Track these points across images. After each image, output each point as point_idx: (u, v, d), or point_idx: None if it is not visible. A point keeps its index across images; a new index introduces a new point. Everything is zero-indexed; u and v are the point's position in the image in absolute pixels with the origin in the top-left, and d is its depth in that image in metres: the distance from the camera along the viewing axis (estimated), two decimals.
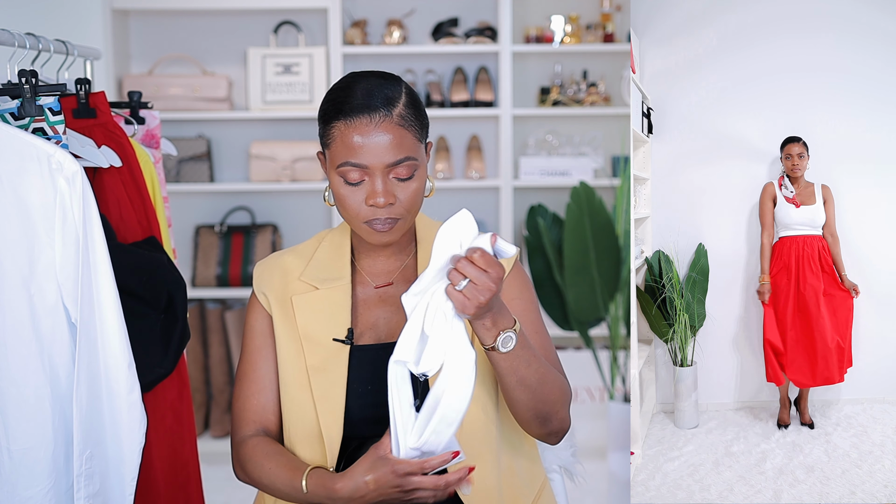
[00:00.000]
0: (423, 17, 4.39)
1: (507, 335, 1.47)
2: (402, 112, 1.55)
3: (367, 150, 1.52)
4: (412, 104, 1.57)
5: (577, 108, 4.28)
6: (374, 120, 1.53)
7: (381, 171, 1.54)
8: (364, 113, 1.53)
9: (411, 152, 1.55)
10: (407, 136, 1.55)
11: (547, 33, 4.30)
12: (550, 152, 4.34)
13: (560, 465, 1.95)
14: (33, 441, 1.65)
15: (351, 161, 1.53)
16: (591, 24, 4.32)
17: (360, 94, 1.55)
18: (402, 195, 1.56)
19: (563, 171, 4.26)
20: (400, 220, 1.58)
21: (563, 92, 4.32)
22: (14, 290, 1.62)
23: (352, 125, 1.53)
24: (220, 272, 4.29)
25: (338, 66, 4.20)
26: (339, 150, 1.54)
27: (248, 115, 4.25)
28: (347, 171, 1.54)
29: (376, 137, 1.52)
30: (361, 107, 1.53)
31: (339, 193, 1.57)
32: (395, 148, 1.53)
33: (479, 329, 1.46)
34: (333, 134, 1.55)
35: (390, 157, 1.53)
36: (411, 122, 1.56)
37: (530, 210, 3.76)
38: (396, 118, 1.54)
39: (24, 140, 1.62)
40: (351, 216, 1.58)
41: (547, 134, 4.37)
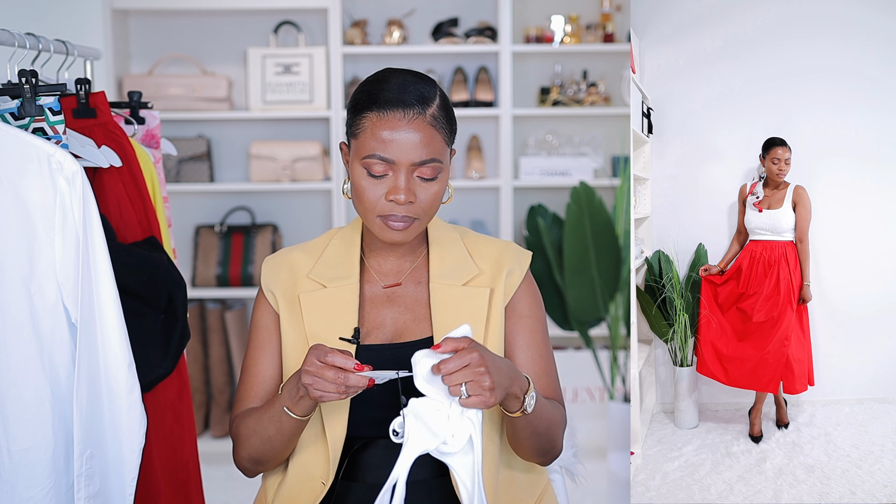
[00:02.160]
0: (423, 17, 4.39)
1: (530, 396, 1.50)
2: (435, 113, 1.55)
3: (395, 145, 1.52)
4: (444, 107, 1.57)
5: (577, 108, 4.28)
6: (407, 116, 1.52)
7: (406, 168, 1.53)
8: (398, 107, 1.52)
9: (438, 154, 1.55)
10: (436, 138, 1.54)
11: (547, 33, 4.30)
12: (550, 152, 4.34)
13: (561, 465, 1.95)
14: (33, 441, 1.65)
15: (378, 154, 1.53)
16: (591, 24, 4.32)
17: (394, 88, 1.54)
18: (422, 195, 1.55)
19: (563, 171, 4.26)
20: (416, 221, 1.57)
21: (563, 92, 4.32)
22: (14, 289, 1.62)
23: (384, 118, 1.53)
24: (220, 272, 4.29)
25: (338, 66, 4.20)
26: (366, 141, 1.54)
27: (248, 115, 4.25)
28: (372, 164, 1.53)
29: (407, 134, 1.52)
30: (395, 101, 1.53)
31: (360, 185, 1.56)
32: (423, 147, 1.53)
33: (508, 404, 1.49)
34: (363, 124, 1.54)
35: (418, 155, 1.53)
36: (442, 125, 1.55)
37: (530, 210, 3.76)
38: (429, 118, 1.53)
39: (24, 140, 1.62)
40: (367, 209, 1.57)
41: (547, 134, 4.36)
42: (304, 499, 1.61)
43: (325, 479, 1.60)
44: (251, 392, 1.67)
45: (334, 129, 4.24)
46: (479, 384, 1.38)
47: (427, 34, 4.37)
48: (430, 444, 1.39)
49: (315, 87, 4.23)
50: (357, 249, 1.69)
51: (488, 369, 1.39)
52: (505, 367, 1.45)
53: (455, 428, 1.39)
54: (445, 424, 1.39)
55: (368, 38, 4.34)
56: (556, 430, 1.61)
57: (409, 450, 1.39)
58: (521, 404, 1.49)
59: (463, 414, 1.40)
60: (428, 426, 1.39)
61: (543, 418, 1.56)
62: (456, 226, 1.74)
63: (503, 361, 1.46)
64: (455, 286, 1.64)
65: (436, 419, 1.39)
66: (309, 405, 1.51)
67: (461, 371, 1.38)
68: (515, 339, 1.66)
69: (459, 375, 1.38)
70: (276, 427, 1.56)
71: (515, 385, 1.47)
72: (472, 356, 1.39)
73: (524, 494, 1.67)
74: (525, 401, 1.49)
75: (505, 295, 1.65)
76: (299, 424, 1.54)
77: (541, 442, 1.59)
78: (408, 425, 1.39)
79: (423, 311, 1.65)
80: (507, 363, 1.47)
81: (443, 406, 1.39)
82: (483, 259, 1.67)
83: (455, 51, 4.25)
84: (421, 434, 1.39)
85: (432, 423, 1.39)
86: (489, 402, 1.39)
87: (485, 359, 1.40)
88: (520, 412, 1.50)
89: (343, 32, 4.26)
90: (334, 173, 4.25)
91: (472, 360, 1.39)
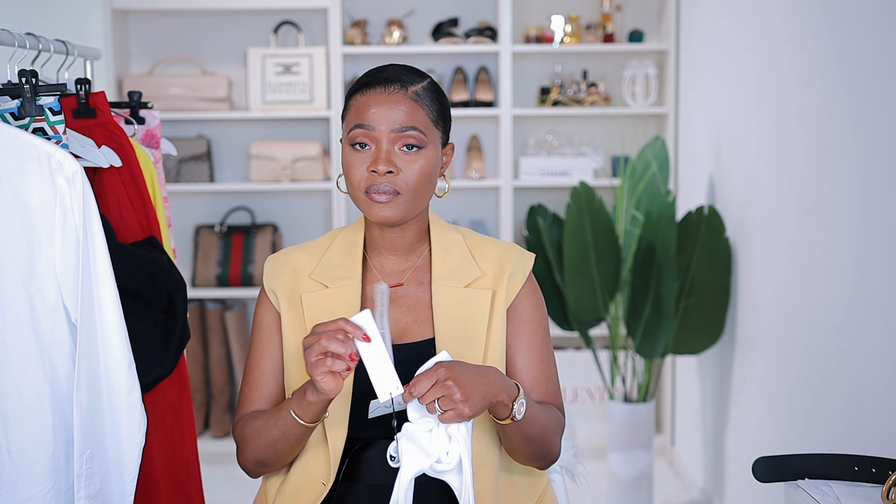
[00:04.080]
0: (423, 17, 4.39)
1: (519, 403, 1.50)
2: (419, 91, 1.58)
3: (376, 115, 1.56)
4: (432, 90, 1.61)
5: (577, 108, 4.28)
6: (387, 90, 1.57)
7: (386, 135, 1.56)
8: (381, 85, 1.58)
9: (420, 125, 1.57)
10: (419, 112, 1.57)
11: (547, 33, 4.30)
12: (550, 152, 4.34)
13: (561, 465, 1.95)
14: (33, 441, 1.64)
15: (359, 123, 1.56)
16: (591, 24, 4.32)
17: (381, 72, 1.60)
18: (406, 169, 1.56)
19: (563, 171, 4.26)
20: (402, 196, 1.57)
21: (563, 92, 4.31)
22: (14, 290, 1.62)
23: (367, 94, 1.58)
24: (220, 272, 4.29)
25: (338, 66, 4.20)
26: (351, 118, 1.59)
27: (248, 115, 4.25)
28: (356, 136, 1.57)
29: (387, 105, 1.56)
30: (380, 79, 1.58)
31: (346, 162, 1.59)
32: (403, 115, 1.56)
33: (496, 411, 1.50)
34: (350, 105, 1.60)
35: (396, 121, 1.56)
36: (427, 103, 1.58)
37: (530, 210, 3.75)
38: (411, 93, 1.58)
39: (24, 140, 1.62)
40: (353, 186, 1.59)
41: (547, 134, 4.36)
42: (304, 499, 1.60)
43: (326, 480, 1.60)
44: (254, 393, 1.67)
45: (334, 129, 4.23)
46: (450, 398, 1.41)
47: (427, 34, 4.37)
48: (425, 464, 1.43)
49: (315, 87, 4.23)
50: (359, 249, 1.69)
51: (457, 382, 1.41)
52: (482, 377, 1.46)
53: (447, 446, 1.43)
54: (437, 443, 1.43)
55: (368, 38, 4.34)
56: (550, 436, 1.61)
57: (405, 472, 1.43)
58: (509, 411, 1.50)
59: (447, 431, 1.43)
60: (421, 447, 1.43)
61: (536, 424, 1.56)
62: (458, 227, 1.74)
63: (483, 370, 1.47)
64: (457, 288, 1.64)
65: (428, 439, 1.43)
66: (316, 411, 1.51)
67: (431, 389, 1.41)
68: (516, 343, 1.66)
69: (430, 394, 1.41)
70: (281, 431, 1.56)
71: (502, 393, 1.48)
72: (439, 372, 1.42)
73: (524, 497, 1.67)
74: (514, 408, 1.50)
75: (507, 297, 1.65)
76: (306, 431, 1.55)
77: (535, 447, 1.59)
78: (402, 449, 1.43)
79: (425, 312, 1.65)
80: (490, 371, 1.48)
81: (435, 428, 1.43)
82: (485, 261, 1.67)
83: (455, 51, 4.25)
84: (415, 456, 1.43)
85: (425, 443, 1.43)
86: (465, 414, 1.41)
87: (452, 371, 1.42)
88: (509, 419, 1.51)
89: (343, 32, 4.26)
90: (334, 173, 4.25)
91: (438, 377, 1.42)
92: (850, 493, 1.64)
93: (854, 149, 2.32)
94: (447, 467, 1.43)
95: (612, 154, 4.39)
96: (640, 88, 4.21)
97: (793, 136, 2.73)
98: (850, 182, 2.33)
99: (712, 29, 3.65)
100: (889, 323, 2.14)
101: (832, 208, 2.44)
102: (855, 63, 2.33)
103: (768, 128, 2.95)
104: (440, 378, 1.41)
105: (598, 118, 4.41)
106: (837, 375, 2.40)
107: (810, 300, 2.59)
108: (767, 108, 2.96)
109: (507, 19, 4.18)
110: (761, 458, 1.71)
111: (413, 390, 1.41)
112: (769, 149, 2.93)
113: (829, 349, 2.46)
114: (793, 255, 2.72)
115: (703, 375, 3.71)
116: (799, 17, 2.71)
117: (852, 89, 2.34)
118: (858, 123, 2.30)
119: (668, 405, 4.24)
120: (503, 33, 4.20)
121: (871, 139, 2.24)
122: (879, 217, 2.19)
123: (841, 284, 2.39)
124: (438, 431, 1.43)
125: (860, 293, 2.28)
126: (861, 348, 2.28)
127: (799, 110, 2.69)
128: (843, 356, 2.37)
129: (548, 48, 4.25)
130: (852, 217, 2.32)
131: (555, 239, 3.66)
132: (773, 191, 2.91)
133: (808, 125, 2.62)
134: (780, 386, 2.83)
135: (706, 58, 3.74)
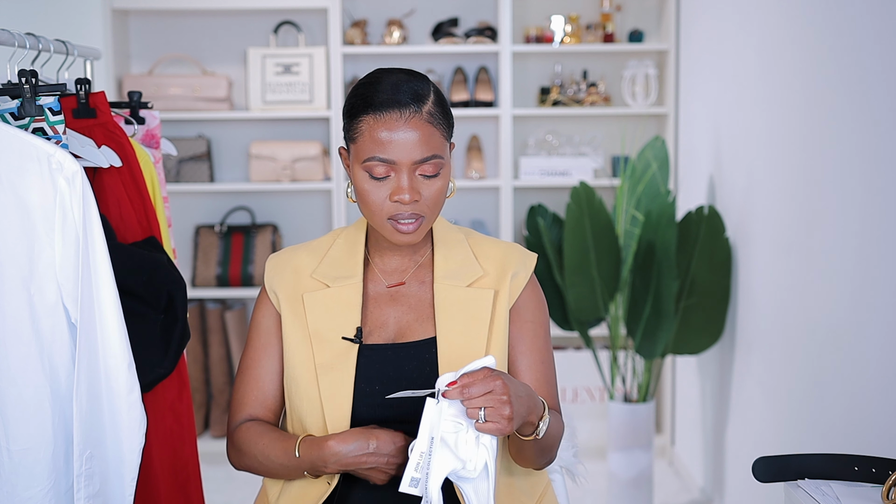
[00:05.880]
0: (423, 17, 4.38)
1: (544, 422, 1.50)
2: (431, 109, 1.55)
3: (394, 145, 1.52)
4: (440, 102, 1.57)
5: (577, 108, 4.27)
6: (403, 115, 1.52)
7: (407, 167, 1.53)
8: (394, 108, 1.52)
9: (438, 150, 1.55)
10: (435, 134, 1.54)
11: (547, 33, 4.29)
12: (550, 152, 4.34)
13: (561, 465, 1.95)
14: (33, 441, 1.64)
15: (378, 156, 1.53)
16: (591, 24, 4.32)
17: (388, 89, 1.54)
18: (426, 192, 1.56)
19: (563, 171, 4.26)
20: (424, 219, 1.57)
21: (563, 92, 4.31)
22: (14, 290, 1.62)
23: (380, 119, 1.52)
24: (220, 272, 4.29)
25: (338, 66, 4.20)
26: (365, 145, 1.54)
27: (248, 115, 4.25)
28: (373, 166, 1.53)
29: (405, 133, 1.52)
30: (390, 101, 1.53)
31: (363, 189, 1.56)
32: (423, 145, 1.53)
33: (522, 429, 1.49)
34: (360, 128, 1.54)
35: (418, 153, 1.53)
36: (439, 121, 1.56)
37: (530, 210, 3.75)
38: (426, 115, 1.53)
39: (24, 140, 1.62)
40: (373, 212, 1.57)
41: (547, 134, 4.36)
42: (308, 499, 1.61)
43: (330, 479, 1.60)
44: (250, 395, 1.67)
45: (334, 129, 4.23)
46: (499, 412, 1.39)
47: (427, 34, 4.37)
48: (456, 465, 1.39)
49: (315, 87, 4.23)
50: (361, 248, 1.69)
51: (510, 399, 1.39)
52: (525, 396, 1.45)
53: (474, 453, 1.40)
54: (465, 448, 1.40)
55: (368, 38, 4.34)
56: (557, 444, 1.63)
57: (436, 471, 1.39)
58: (534, 429, 1.50)
59: (478, 440, 1.40)
60: (449, 446, 1.39)
61: (550, 436, 1.56)
62: (461, 227, 1.74)
63: (524, 389, 1.46)
64: (459, 287, 1.64)
65: (454, 441, 1.39)
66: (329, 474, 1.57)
67: (484, 396, 1.39)
68: (518, 344, 1.66)
69: (481, 400, 1.38)
70: (283, 467, 1.60)
71: (533, 413, 1.48)
72: (496, 383, 1.39)
73: (524, 497, 1.67)
74: (539, 426, 1.50)
75: (509, 297, 1.65)
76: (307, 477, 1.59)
77: (543, 456, 1.61)
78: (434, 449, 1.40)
79: (427, 311, 1.65)
80: (528, 391, 1.47)
81: (460, 428, 1.40)
82: (488, 260, 1.67)
83: (455, 51, 4.25)
84: (445, 455, 1.39)
85: (452, 443, 1.39)
86: (505, 431, 1.40)
87: (508, 388, 1.40)
88: (532, 437, 1.51)
89: (343, 32, 4.26)
90: (334, 173, 4.25)
91: (495, 388, 1.39)
92: (850, 493, 1.64)
93: (854, 149, 2.32)
94: (470, 474, 1.40)
95: (612, 154, 4.39)
96: (640, 88, 4.21)
97: (793, 136, 2.73)
98: (851, 182, 2.33)
99: (712, 29, 3.65)
100: (889, 323, 2.14)
101: (832, 208, 2.44)
102: (855, 63, 2.33)
103: (768, 128, 2.95)
104: (496, 390, 1.39)
105: (598, 118, 4.41)
106: (837, 375, 2.40)
107: (810, 300, 2.59)
108: (767, 108, 2.95)
109: (507, 19, 4.18)
110: (761, 458, 1.71)
111: (466, 391, 1.39)
112: (769, 149, 2.93)
113: (829, 349, 2.46)
114: (793, 255, 2.72)
115: (703, 375, 3.71)
116: (799, 17, 2.71)
117: (852, 89, 2.34)
118: (859, 123, 2.30)
119: (668, 405, 4.24)
120: (503, 33, 4.20)
121: (871, 139, 2.24)
122: (880, 217, 2.19)
123: (841, 284, 2.39)
124: (466, 437, 1.40)
125: (860, 293, 2.28)
126: (861, 348, 2.28)
127: (799, 110, 2.68)
128: (843, 356, 2.37)
129: (548, 48, 4.25)
130: (852, 217, 2.32)
131: (555, 239, 3.66)
132: (773, 191, 2.90)
133: (808, 125, 2.62)
134: (780, 386, 2.83)
135: (706, 58, 3.74)
